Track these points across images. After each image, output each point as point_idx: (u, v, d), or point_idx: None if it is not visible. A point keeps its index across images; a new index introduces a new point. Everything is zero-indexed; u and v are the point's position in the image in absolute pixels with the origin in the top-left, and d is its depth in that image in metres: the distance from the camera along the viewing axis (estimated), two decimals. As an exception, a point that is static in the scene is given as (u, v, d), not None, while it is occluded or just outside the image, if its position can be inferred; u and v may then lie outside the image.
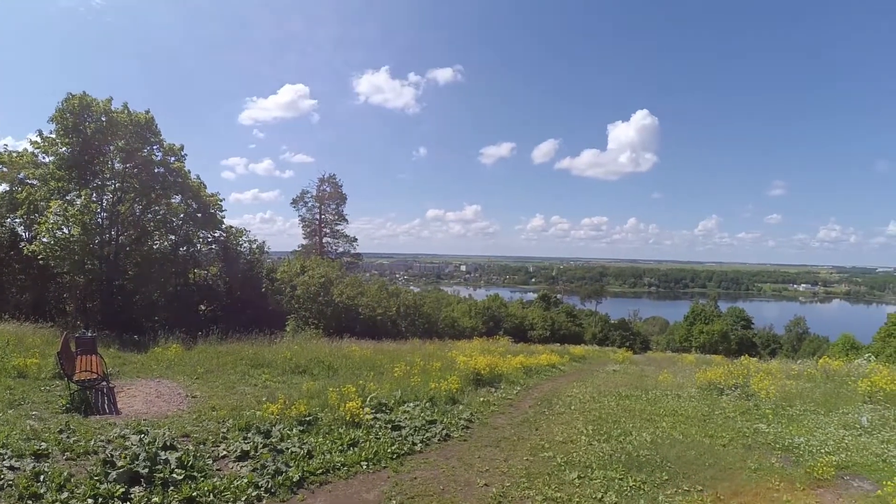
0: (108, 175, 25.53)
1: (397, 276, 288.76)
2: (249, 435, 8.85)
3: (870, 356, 23.03)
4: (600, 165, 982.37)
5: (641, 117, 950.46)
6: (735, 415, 12.68)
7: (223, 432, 9.06)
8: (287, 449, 8.35)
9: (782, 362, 25.70)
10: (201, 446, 8.32)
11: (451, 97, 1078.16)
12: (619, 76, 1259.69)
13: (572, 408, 13.65)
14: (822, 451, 9.53)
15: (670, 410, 13.23)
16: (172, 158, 26.95)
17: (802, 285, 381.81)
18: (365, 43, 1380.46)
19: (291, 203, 60.77)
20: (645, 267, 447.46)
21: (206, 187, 29.10)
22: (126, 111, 25.10)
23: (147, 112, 25.77)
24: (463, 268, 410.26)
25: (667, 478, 8.15)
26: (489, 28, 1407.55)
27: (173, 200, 27.34)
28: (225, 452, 8.21)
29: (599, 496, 7.36)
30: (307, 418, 9.91)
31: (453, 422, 11.15)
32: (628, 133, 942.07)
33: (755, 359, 29.71)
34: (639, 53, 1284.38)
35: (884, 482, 7.19)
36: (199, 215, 28.51)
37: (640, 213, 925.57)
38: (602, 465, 8.66)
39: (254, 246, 33.03)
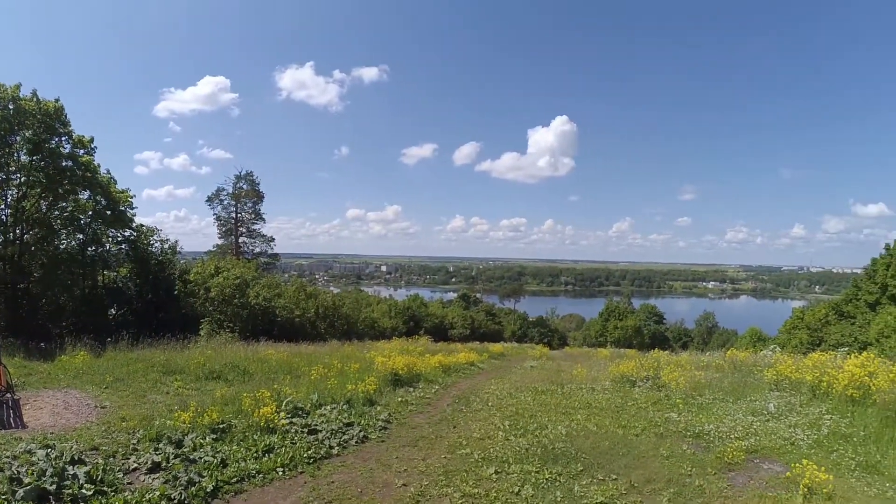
0: (14, 168, 24.34)
1: (317, 276, 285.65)
2: (161, 445, 8.67)
3: (775, 347, 24.10)
4: (520, 168, 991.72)
5: (561, 123, 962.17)
6: (647, 405, 13.08)
7: (133, 444, 8.85)
8: (200, 458, 8.23)
9: (692, 354, 26.57)
10: (111, 459, 8.09)
11: (376, 96, 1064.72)
12: (540, 82, 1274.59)
13: (490, 404, 13.85)
14: (732, 436, 9.97)
15: (585, 403, 13.54)
16: (81, 151, 25.95)
17: (711, 283, 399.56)
18: (290, 36, 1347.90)
19: (206, 201, 59.03)
20: (562, 266, 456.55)
21: (116, 183, 28.23)
22: (35, 99, 23.95)
23: (57, 101, 24.71)
24: (383, 268, 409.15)
25: (582, 468, 8.40)
26: (416, 29, 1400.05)
27: (81, 197, 26.41)
28: (136, 465, 8.04)
29: (516, 490, 7.53)
30: (220, 426, 9.78)
31: (371, 423, 11.18)
32: (548, 138, 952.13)
33: (667, 352, 30.72)
34: (558, 61, 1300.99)
35: (792, 464, 7.53)
36: (109, 213, 27.54)
37: (558, 215, 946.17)
38: (519, 459, 8.85)
39: (165, 246, 32.26)
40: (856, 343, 44.17)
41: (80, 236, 27.60)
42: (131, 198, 28.95)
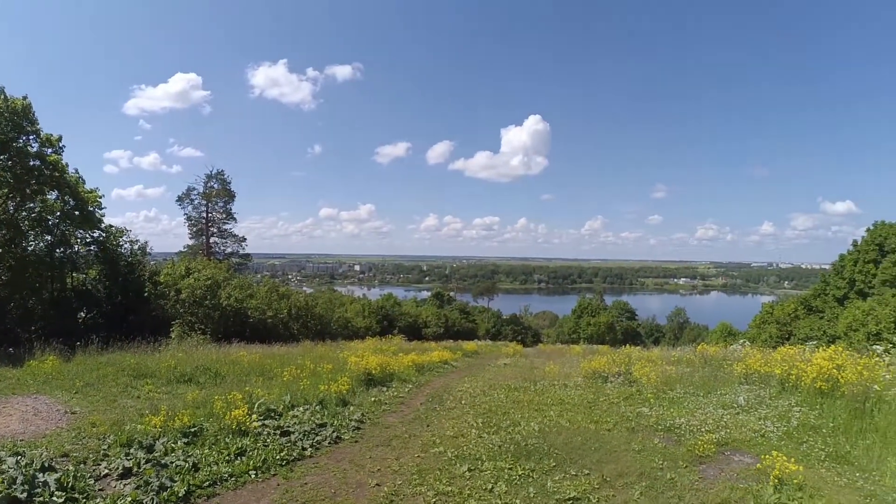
0: (-19, 168, 23.78)
1: (290, 276, 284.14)
2: (132, 450, 8.54)
3: (745, 341, 24.44)
4: (493, 167, 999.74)
5: (534, 122, 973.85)
6: (619, 400, 13.18)
7: (104, 449, 8.71)
8: (171, 463, 8.13)
9: (664, 350, 26.83)
10: (82, 466, 7.98)
11: (350, 95, 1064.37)
12: (513, 82, 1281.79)
13: (463, 402, 13.87)
14: (703, 430, 10.09)
15: (557, 400, 13.59)
16: (49, 150, 25.34)
17: (682, 279, 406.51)
18: (264, 33, 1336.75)
19: (177, 200, 57.91)
20: (535, 264, 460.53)
21: (84, 183, 27.72)
22: (2, 97, 23.44)
23: (24, 98, 24.20)
24: (357, 267, 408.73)
25: (554, 464, 8.45)
26: (390, 28, 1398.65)
27: (49, 197, 25.99)
28: (107, 471, 7.92)
29: (490, 487, 7.55)
30: (192, 429, 9.67)
31: (344, 423, 11.12)
32: (521, 137, 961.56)
33: (639, 347, 31.03)
34: (532, 60, 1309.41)
35: (763, 455, 7.59)
36: (77, 214, 27.04)
37: (531, 214, 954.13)
38: (492, 456, 8.87)
39: (135, 247, 31.67)
40: (824, 336, 44.88)
41: (49, 238, 27.09)
42: (100, 198, 28.41)
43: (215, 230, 58.61)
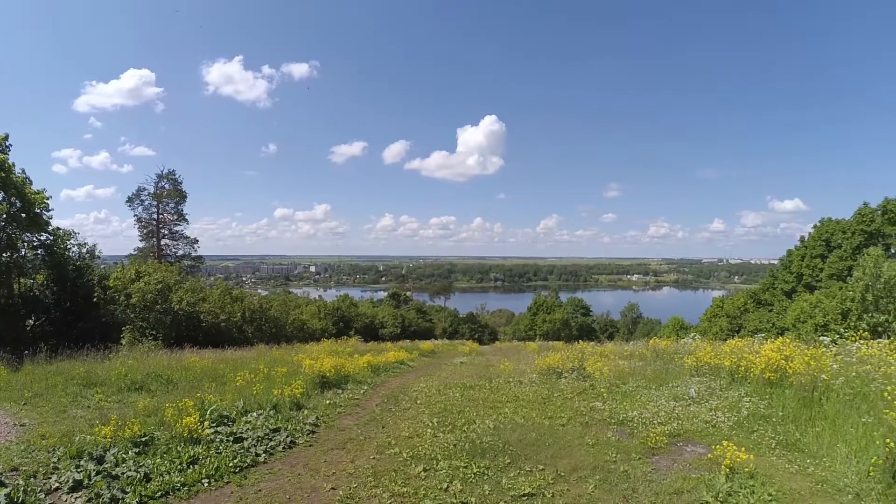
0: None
1: (244, 279, 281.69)
2: (82, 462, 8.33)
3: (695, 335, 24.83)
4: (449, 167, 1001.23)
5: (490, 122, 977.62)
6: (573, 396, 13.32)
7: (54, 462, 8.47)
8: (123, 474, 7.93)
9: (617, 344, 27.19)
10: (32, 479, 7.76)
11: (306, 93, 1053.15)
12: (469, 82, 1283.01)
13: (418, 402, 13.85)
14: (655, 422, 10.30)
15: (512, 397, 13.69)
16: (-6, 150, 24.78)
17: (636, 276, 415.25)
18: (219, 29, 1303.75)
19: (127, 202, 56.34)
20: (491, 263, 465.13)
21: (31, 183, 27.02)
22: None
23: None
24: (312, 268, 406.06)
25: (509, 461, 8.48)
26: (348, 27, 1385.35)
27: (-7, 199, 25.30)
28: (57, 484, 7.70)
29: (445, 486, 7.54)
30: (143, 439, 9.46)
31: (298, 428, 10.99)
32: (477, 137, 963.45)
33: (594, 343, 31.40)
34: (487, 61, 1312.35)
35: (714, 445, 7.82)
36: (24, 216, 26.32)
37: (486, 213, 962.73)
38: (447, 455, 8.86)
39: (84, 250, 30.98)
40: (773, 329, 46.15)
41: (-7, 242, 26.33)
42: (48, 199, 27.71)
43: (166, 232, 57.38)
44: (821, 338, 16.22)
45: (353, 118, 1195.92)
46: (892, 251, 46.81)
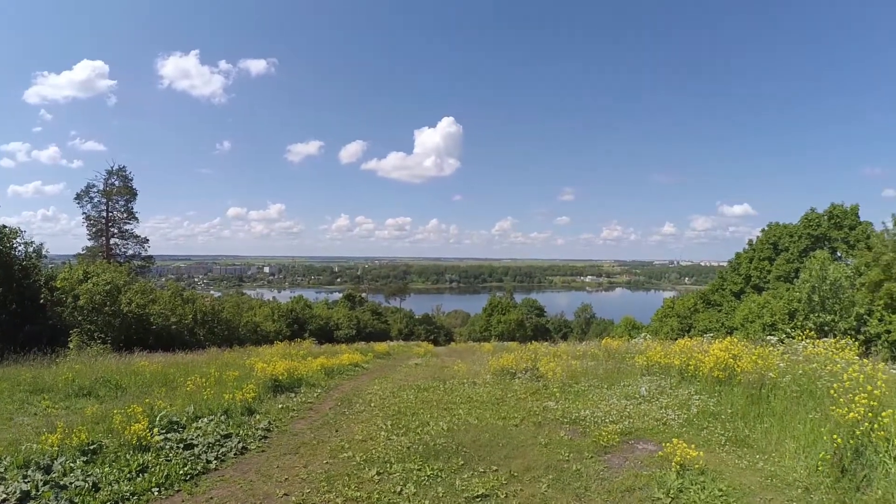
0: None
1: (195, 279, 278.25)
2: (29, 472, 8.06)
3: (646, 335, 25.21)
4: (406, 168, 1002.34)
5: (447, 124, 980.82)
6: (526, 396, 13.43)
7: (1, 472, 8.19)
8: (71, 484, 7.70)
9: (570, 344, 27.46)
10: (-26, 491, 7.54)
11: (263, 90, 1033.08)
12: (428, 83, 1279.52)
13: (372, 405, 13.79)
14: (607, 420, 10.44)
15: (466, 398, 13.74)
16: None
17: (589, 277, 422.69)
18: (176, 22, 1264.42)
19: (75, 199, 54.84)
20: (447, 264, 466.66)
21: (-25, 179, 26.22)
22: None
23: None
24: (266, 269, 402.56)
25: (463, 462, 8.48)
26: (307, 24, 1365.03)
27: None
28: (4, 496, 7.44)
29: (399, 489, 7.49)
30: (91, 447, 9.20)
31: (250, 433, 10.84)
32: (434, 139, 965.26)
33: (548, 343, 31.67)
34: (446, 62, 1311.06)
35: (665, 443, 7.93)
36: (-33, 212, 25.54)
37: (442, 215, 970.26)
38: (401, 458, 8.82)
39: (30, 249, 29.98)
40: (722, 328, 47.30)
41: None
42: (-7, 196, 26.86)
43: (116, 231, 55.90)
44: (768, 337, 16.60)
45: (310, 117, 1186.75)
46: (838, 254, 48.38)
